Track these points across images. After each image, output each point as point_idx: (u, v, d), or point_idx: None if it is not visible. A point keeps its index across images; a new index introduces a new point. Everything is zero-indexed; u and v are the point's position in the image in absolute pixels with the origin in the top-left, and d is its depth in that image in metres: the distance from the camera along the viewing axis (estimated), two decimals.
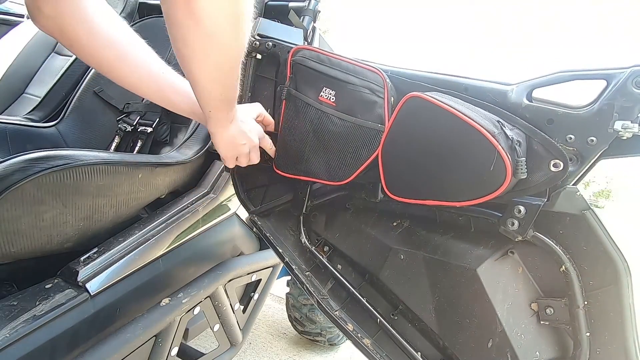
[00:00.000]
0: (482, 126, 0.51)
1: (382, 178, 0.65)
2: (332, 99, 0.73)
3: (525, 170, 0.52)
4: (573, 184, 0.54)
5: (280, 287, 1.63)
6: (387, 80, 0.67)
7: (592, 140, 0.51)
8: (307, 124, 0.76)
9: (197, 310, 0.86)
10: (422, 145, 0.59)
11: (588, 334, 0.54)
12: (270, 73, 0.85)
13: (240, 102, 0.90)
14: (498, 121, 0.54)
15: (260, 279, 1.10)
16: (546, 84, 0.55)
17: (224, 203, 0.96)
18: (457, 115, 0.53)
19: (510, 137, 0.52)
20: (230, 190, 0.95)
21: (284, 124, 0.80)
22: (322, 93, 0.74)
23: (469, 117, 0.52)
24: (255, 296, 1.10)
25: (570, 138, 0.53)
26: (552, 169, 0.53)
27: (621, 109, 0.49)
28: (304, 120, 0.76)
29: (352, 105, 0.71)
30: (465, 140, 0.53)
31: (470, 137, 0.52)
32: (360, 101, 0.69)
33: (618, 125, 0.49)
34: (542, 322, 0.58)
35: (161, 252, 0.81)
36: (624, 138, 0.50)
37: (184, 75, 0.58)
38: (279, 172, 0.82)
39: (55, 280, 0.68)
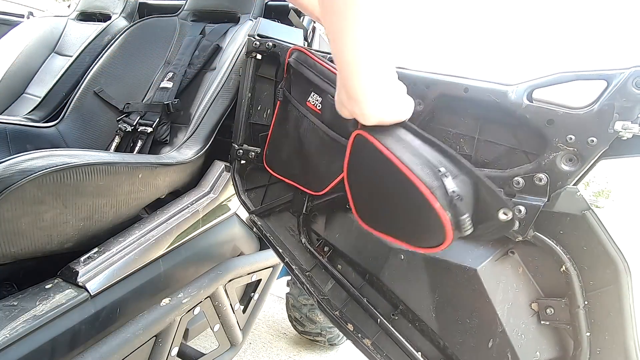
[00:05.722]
0: (419, 178, 0.45)
1: (350, 201, 0.58)
2: (319, 106, 0.69)
3: (470, 226, 0.46)
4: (573, 184, 0.54)
5: (280, 287, 1.64)
6: None
7: (593, 141, 0.51)
8: (293, 128, 0.74)
9: (197, 310, 0.86)
10: (373, 182, 0.54)
11: (588, 334, 0.54)
12: (270, 73, 0.85)
13: (240, 102, 0.91)
14: (439, 170, 0.46)
15: (260, 279, 1.10)
16: (547, 84, 0.55)
17: (224, 203, 0.96)
18: (395, 162, 0.47)
19: (450, 192, 0.45)
20: (230, 190, 0.95)
21: (275, 124, 0.80)
22: (309, 98, 0.70)
23: (407, 166, 0.46)
24: (255, 296, 1.10)
25: (571, 138, 0.52)
26: (501, 217, 0.47)
27: (621, 110, 0.49)
28: (292, 124, 0.75)
29: (332, 116, 0.66)
30: (403, 189, 0.47)
31: (407, 188, 0.46)
32: (338, 115, 0.61)
33: (618, 125, 0.49)
34: (542, 322, 0.58)
35: (161, 252, 0.81)
36: (624, 138, 0.50)
37: None
38: (268, 168, 0.82)
39: (56, 281, 0.68)
